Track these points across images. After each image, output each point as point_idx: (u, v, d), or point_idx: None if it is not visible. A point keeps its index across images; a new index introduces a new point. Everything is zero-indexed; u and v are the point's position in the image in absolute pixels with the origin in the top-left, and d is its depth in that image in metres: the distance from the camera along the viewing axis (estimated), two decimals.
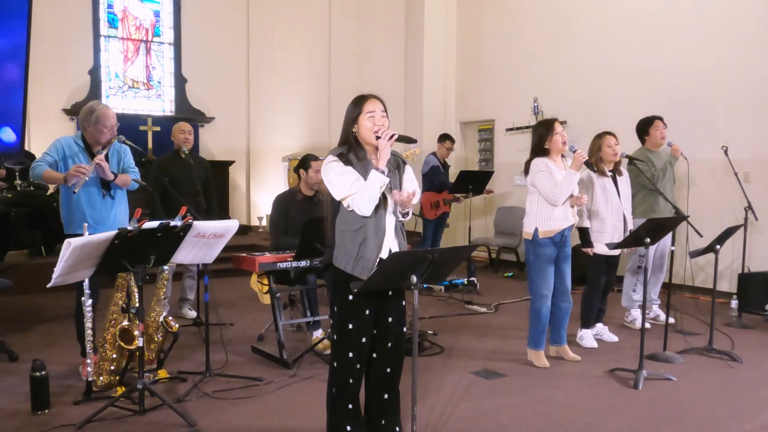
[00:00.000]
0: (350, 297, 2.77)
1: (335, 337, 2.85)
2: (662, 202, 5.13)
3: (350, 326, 2.80)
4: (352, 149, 2.79)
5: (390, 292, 2.85)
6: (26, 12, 6.85)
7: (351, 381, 2.84)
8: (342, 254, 2.78)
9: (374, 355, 2.92)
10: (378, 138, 2.71)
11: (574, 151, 4.18)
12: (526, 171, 4.34)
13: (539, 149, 4.32)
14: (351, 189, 2.71)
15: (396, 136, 2.70)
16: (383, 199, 2.76)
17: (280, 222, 4.93)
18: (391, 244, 2.82)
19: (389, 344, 2.89)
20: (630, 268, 5.61)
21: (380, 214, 2.77)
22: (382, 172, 2.67)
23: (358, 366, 2.84)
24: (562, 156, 4.38)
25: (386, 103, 2.85)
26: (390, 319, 2.88)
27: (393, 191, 2.77)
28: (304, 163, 4.89)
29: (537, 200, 4.28)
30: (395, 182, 2.85)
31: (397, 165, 2.90)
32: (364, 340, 2.82)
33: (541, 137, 4.30)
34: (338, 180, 2.73)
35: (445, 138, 7.42)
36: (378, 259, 2.76)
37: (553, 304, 4.39)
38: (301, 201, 4.90)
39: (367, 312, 2.81)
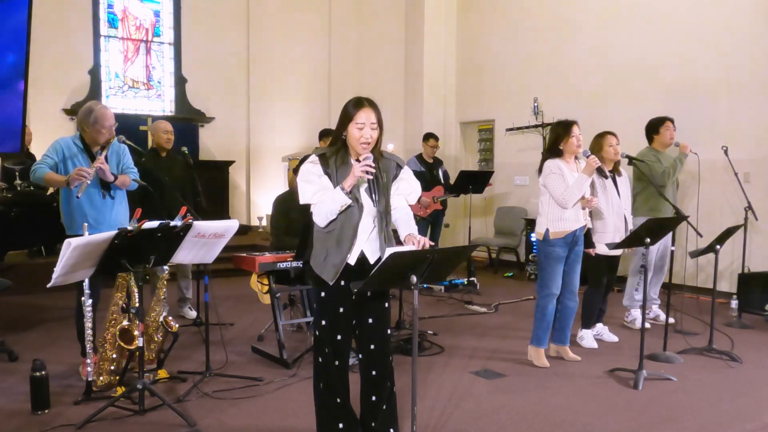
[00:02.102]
0: (323, 294, 2.82)
1: (316, 333, 2.89)
2: (666, 201, 5.13)
3: (323, 323, 2.84)
4: (338, 151, 2.80)
5: (369, 293, 2.85)
6: (26, 12, 6.84)
7: (334, 376, 2.85)
8: (314, 255, 2.84)
9: (360, 356, 2.93)
10: (358, 160, 2.71)
11: (587, 156, 4.19)
12: (540, 171, 4.35)
13: (554, 150, 4.32)
14: (312, 199, 2.77)
15: (371, 175, 2.70)
16: (358, 204, 2.76)
17: (281, 223, 4.93)
18: (365, 249, 2.80)
19: (372, 346, 2.88)
20: (633, 267, 5.61)
21: (351, 219, 2.75)
22: (347, 194, 2.68)
23: (336, 362, 2.85)
24: (576, 158, 4.38)
25: (386, 104, 2.83)
26: (370, 321, 2.87)
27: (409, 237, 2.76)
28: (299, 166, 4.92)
29: (548, 201, 4.29)
30: (372, 188, 2.81)
31: (387, 168, 2.86)
32: (339, 337, 2.84)
33: (558, 137, 4.30)
34: (302, 186, 2.79)
35: (428, 137, 7.43)
36: (345, 264, 2.76)
37: (560, 303, 4.40)
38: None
39: (341, 310, 2.82)
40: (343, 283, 2.77)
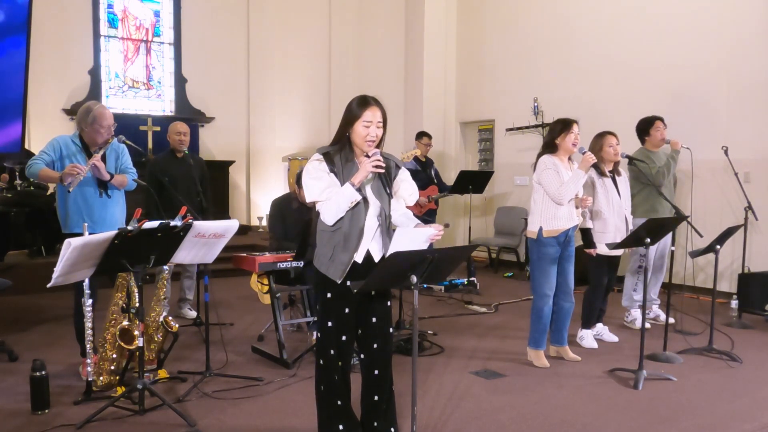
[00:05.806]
0: (329, 295, 2.81)
1: (318, 334, 2.87)
2: (664, 202, 5.13)
3: (329, 324, 2.82)
4: (342, 149, 2.80)
5: (373, 293, 2.85)
6: (26, 12, 6.86)
7: (336, 378, 2.85)
8: (319, 254, 2.83)
9: (362, 356, 2.93)
10: (367, 156, 2.71)
11: (583, 153, 4.20)
12: (535, 167, 4.34)
13: (549, 145, 4.33)
14: (320, 196, 2.74)
15: (382, 170, 2.71)
16: (364, 202, 2.76)
17: (278, 226, 4.94)
18: (370, 248, 2.81)
19: (375, 345, 2.89)
20: (631, 268, 5.61)
21: (358, 217, 2.75)
22: (357, 190, 2.68)
23: (340, 363, 2.85)
24: (570, 159, 4.38)
25: (386, 104, 2.84)
26: (374, 320, 2.88)
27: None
28: (299, 178, 4.94)
29: (542, 199, 4.28)
30: (376, 187, 2.81)
31: (387, 169, 2.86)
32: (344, 338, 2.84)
33: (556, 132, 4.31)
34: (310, 183, 2.76)
35: (421, 135, 7.44)
36: (351, 263, 2.76)
37: (555, 304, 4.40)
38: (296, 208, 4.90)
39: (347, 311, 2.82)
40: (348, 283, 2.76)
